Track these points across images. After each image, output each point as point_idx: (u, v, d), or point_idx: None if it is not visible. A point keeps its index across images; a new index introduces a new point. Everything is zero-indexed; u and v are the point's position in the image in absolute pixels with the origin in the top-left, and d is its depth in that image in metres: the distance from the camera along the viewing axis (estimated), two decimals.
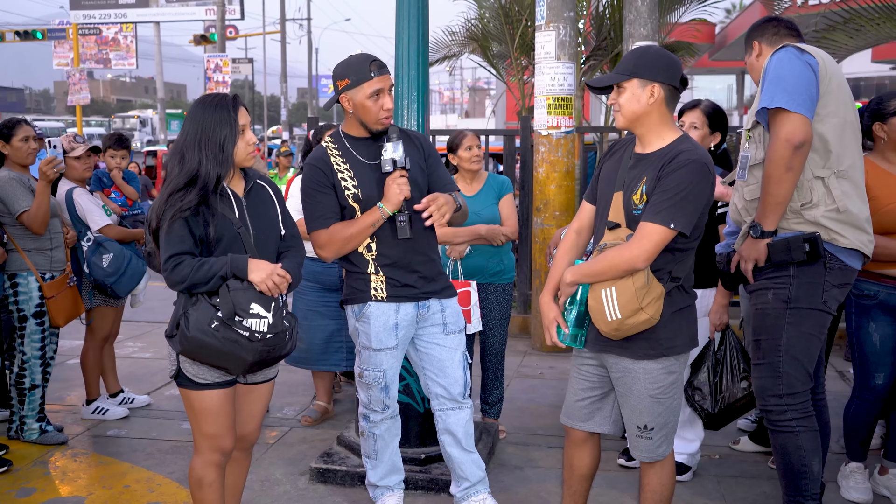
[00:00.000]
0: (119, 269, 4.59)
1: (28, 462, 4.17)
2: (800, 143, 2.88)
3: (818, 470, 3.11)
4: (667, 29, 10.09)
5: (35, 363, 4.33)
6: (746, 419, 4.64)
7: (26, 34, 23.95)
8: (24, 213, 4.14)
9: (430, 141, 3.47)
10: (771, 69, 3.00)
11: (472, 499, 3.44)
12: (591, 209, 2.96)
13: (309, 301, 4.67)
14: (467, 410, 3.41)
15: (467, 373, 3.42)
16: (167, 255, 2.72)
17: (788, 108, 2.89)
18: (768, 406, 3.11)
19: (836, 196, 2.98)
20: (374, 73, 3.14)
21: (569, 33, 6.36)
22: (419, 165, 3.29)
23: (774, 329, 3.06)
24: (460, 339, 3.39)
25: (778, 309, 3.05)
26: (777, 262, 3.02)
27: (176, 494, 3.82)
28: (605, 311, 2.65)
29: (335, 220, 3.22)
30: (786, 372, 3.05)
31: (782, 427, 3.08)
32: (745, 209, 3.16)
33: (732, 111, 34.64)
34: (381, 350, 3.27)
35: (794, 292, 3.02)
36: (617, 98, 2.75)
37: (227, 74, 21.87)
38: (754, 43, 3.36)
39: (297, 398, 5.26)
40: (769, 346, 3.08)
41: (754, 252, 3.06)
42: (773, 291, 3.06)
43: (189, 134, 2.78)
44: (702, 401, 3.72)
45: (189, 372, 2.81)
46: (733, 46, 21.48)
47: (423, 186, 3.29)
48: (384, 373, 3.30)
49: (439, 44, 10.82)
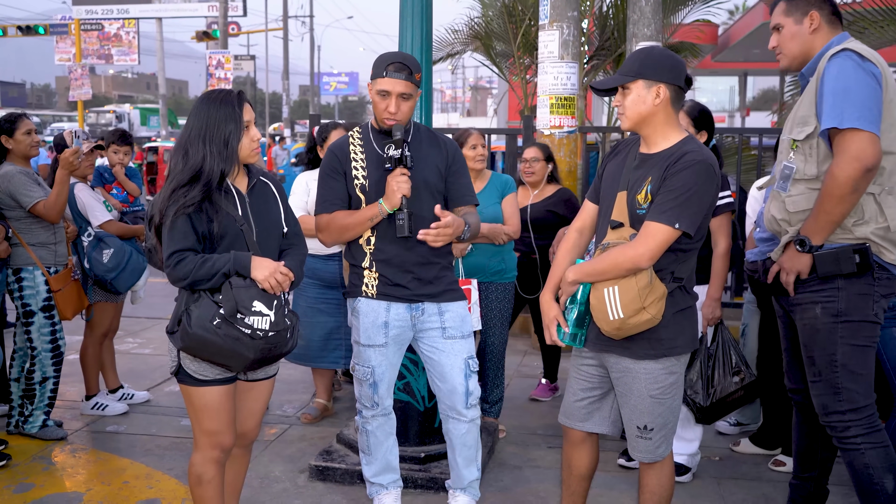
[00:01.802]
0: (119, 264, 4.59)
1: (27, 457, 4.16)
2: (872, 166, 2.72)
3: (894, 488, 2.90)
4: (670, 29, 10.09)
5: (46, 356, 4.34)
6: (725, 422, 4.64)
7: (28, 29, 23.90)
8: (41, 203, 4.15)
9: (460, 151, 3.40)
10: (832, 79, 2.80)
11: (456, 493, 3.47)
12: (593, 208, 2.96)
13: (309, 298, 4.67)
14: (466, 424, 3.33)
15: (470, 381, 3.30)
16: (170, 252, 2.71)
17: (860, 126, 2.72)
18: (831, 423, 2.96)
19: (889, 215, 2.84)
20: (387, 73, 3.13)
21: (572, 33, 6.36)
22: (437, 169, 3.26)
23: (827, 344, 2.92)
24: (462, 344, 3.30)
25: (828, 324, 2.90)
26: (824, 275, 2.88)
27: (175, 491, 3.82)
28: (607, 310, 2.64)
29: (340, 207, 3.24)
30: (845, 387, 2.91)
31: (847, 445, 2.94)
32: (786, 220, 2.98)
33: (735, 112, 34.60)
34: (369, 346, 3.28)
35: (845, 305, 2.88)
36: (622, 99, 2.74)
37: (229, 71, 21.90)
38: (813, 13, 2.99)
39: (296, 396, 5.26)
40: (824, 362, 2.94)
41: (797, 264, 2.91)
42: (821, 305, 2.91)
43: (193, 129, 2.78)
44: (694, 395, 3.73)
45: (190, 368, 2.81)
46: (736, 48, 21.44)
47: (437, 190, 3.26)
48: (373, 369, 3.29)
49: (442, 42, 10.82)
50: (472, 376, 3.32)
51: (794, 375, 3.32)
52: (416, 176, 3.18)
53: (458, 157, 3.35)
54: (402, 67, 3.12)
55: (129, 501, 3.71)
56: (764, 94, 44.91)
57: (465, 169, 3.38)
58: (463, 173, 3.35)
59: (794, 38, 3.04)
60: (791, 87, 10.43)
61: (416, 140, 3.29)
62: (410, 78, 3.13)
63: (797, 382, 3.31)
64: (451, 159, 3.31)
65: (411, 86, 3.15)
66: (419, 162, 3.21)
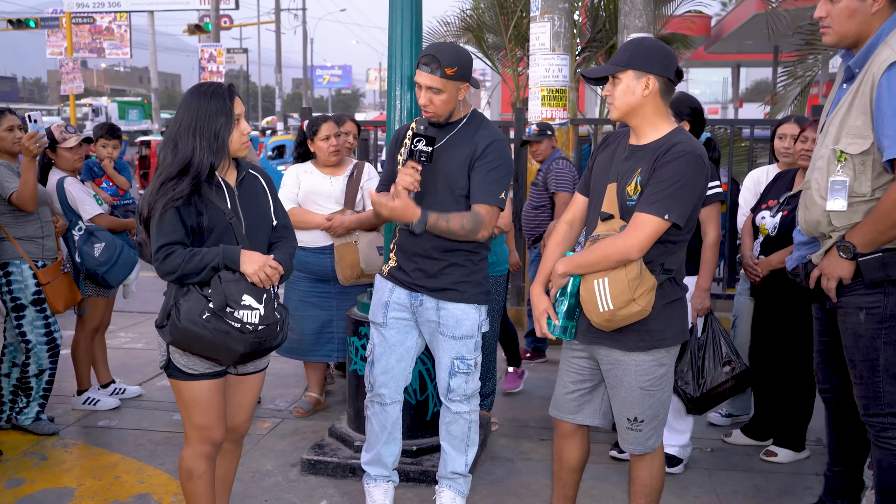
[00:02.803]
0: (111, 258, 4.57)
1: (18, 453, 4.15)
2: None
3: None
4: (662, 21, 10.09)
5: (42, 349, 4.33)
6: (717, 413, 4.65)
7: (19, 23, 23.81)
8: (13, 193, 4.12)
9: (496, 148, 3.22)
10: (890, 95, 2.62)
11: (441, 487, 3.50)
12: (583, 201, 2.95)
13: (301, 292, 4.66)
14: (451, 415, 3.38)
15: (453, 379, 3.31)
16: (158, 245, 2.70)
17: None
18: (870, 421, 2.93)
19: None
20: (419, 66, 3.14)
21: (564, 24, 6.34)
22: (461, 166, 3.20)
23: (869, 350, 2.86)
24: (452, 344, 3.28)
25: (872, 329, 2.84)
26: (870, 281, 2.80)
27: (166, 485, 3.81)
28: (597, 301, 2.64)
29: (387, 189, 3.32)
30: (887, 391, 2.86)
31: (882, 443, 2.91)
32: (831, 230, 2.86)
33: (728, 104, 34.65)
34: (372, 322, 3.40)
35: (891, 310, 2.81)
36: (612, 89, 2.73)
37: (221, 64, 21.82)
38: None
39: (289, 389, 5.25)
40: (866, 367, 2.89)
41: (839, 270, 2.84)
42: (865, 311, 2.84)
43: (183, 122, 2.75)
44: (684, 385, 3.74)
45: (179, 362, 2.80)
46: (729, 39, 21.43)
47: (459, 187, 3.20)
48: (374, 347, 3.41)
49: (434, 34, 10.80)
50: (457, 376, 3.32)
51: (825, 375, 3.30)
52: (437, 171, 3.17)
53: (486, 154, 3.18)
54: (432, 60, 3.10)
55: (120, 496, 3.71)
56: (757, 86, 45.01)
57: (491, 167, 3.19)
58: (485, 171, 3.18)
59: (853, 16, 2.76)
60: (783, 77, 10.44)
61: (457, 135, 3.24)
62: (440, 72, 3.08)
63: (827, 381, 3.30)
64: (476, 156, 3.19)
65: (439, 80, 3.09)
66: (444, 158, 3.19)
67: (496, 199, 3.18)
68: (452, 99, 3.16)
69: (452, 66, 3.11)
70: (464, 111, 3.27)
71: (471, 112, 3.30)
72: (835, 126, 2.84)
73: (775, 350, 4.13)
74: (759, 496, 3.76)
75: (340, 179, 4.61)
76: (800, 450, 4.15)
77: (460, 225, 3.12)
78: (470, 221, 3.13)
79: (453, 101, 3.17)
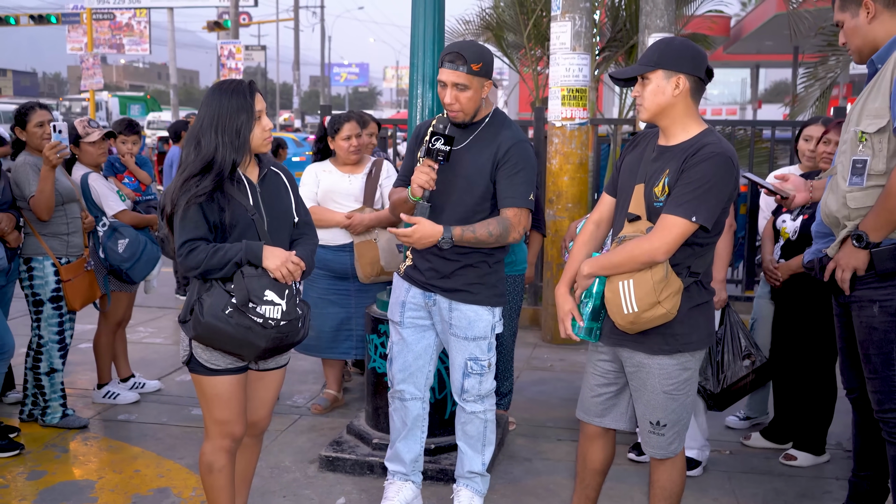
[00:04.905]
0: (135, 254, 4.60)
1: (39, 445, 4.18)
2: None
3: None
4: (682, 21, 10.03)
5: (53, 347, 4.34)
6: (734, 416, 4.62)
7: (41, 18, 23.94)
8: (31, 199, 4.14)
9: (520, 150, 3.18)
10: None
11: (458, 486, 3.50)
12: (610, 201, 2.92)
13: (319, 289, 4.66)
14: (465, 414, 3.38)
15: (467, 380, 3.31)
16: (182, 241, 2.72)
17: None
18: (885, 417, 2.92)
19: None
20: (443, 64, 3.12)
21: (584, 24, 6.32)
22: (484, 168, 3.17)
23: (883, 343, 2.85)
24: (465, 345, 3.27)
25: (886, 322, 2.83)
26: (882, 272, 2.79)
27: (186, 479, 3.83)
28: (621, 303, 2.62)
29: (404, 185, 3.32)
30: None
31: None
32: (845, 215, 2.87)
33: (746, 105, 34.44)
34: (391, 320, 3.43)
35: None
36: (641, 90, 2.69)
37: (239, 61, 21.92)
38: (866, 1, 2.84)
39: (307, 386, 5.27)
40: (881, 360, 2.87)
41: (853, 260, 2.83)
42: (879, 304, 2.83)
43: (206, 119, 2.77)
44: (704, 381, 3.68)
45: (201, 357, 2.81)
46: (749, 39, 21.31)
47: (479, 189, 3.17)
48: (393, 344, 3.42)
49: (453, 32, 10.79)
50: (471, 376, 3.31)
51: (849, 375, 3.28)
52: (456, 172, 3.16)
53: (511, 157, 3.15)
54: (457, 57, 3.08)
55: (140, 489, 3.73)
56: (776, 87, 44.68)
57: (514, 168, 3.15)
58: (513, 175, 3.15)
59: (855, 32, 2.90)
60: (804, 79, 10.37)
61: (479, 136, 3.22)
62: (465, 68, 3.07)
63: (852, 382, 3.27)
64: (501, 159, 3.15)
65: (465, 76, 3.08)
66: (464, 159, 3.18)
67: (525, 202, 3.16)
68: (477, 96, 3.15)
69: (478, 62, 3.10)
70: (486, 110, 3.26)
71: (493, 111, 3.28)
72: (856, 111, 2.88)
73: (796, 353, 4.10)
74: (778, 499, 3.73)
75: (359, 177, 4.61)
76: (820, 454, 4.12)
77: (488, 233, 3.11)
78: (497, 227, 3.12)
79: (478, 99, 3.16)
